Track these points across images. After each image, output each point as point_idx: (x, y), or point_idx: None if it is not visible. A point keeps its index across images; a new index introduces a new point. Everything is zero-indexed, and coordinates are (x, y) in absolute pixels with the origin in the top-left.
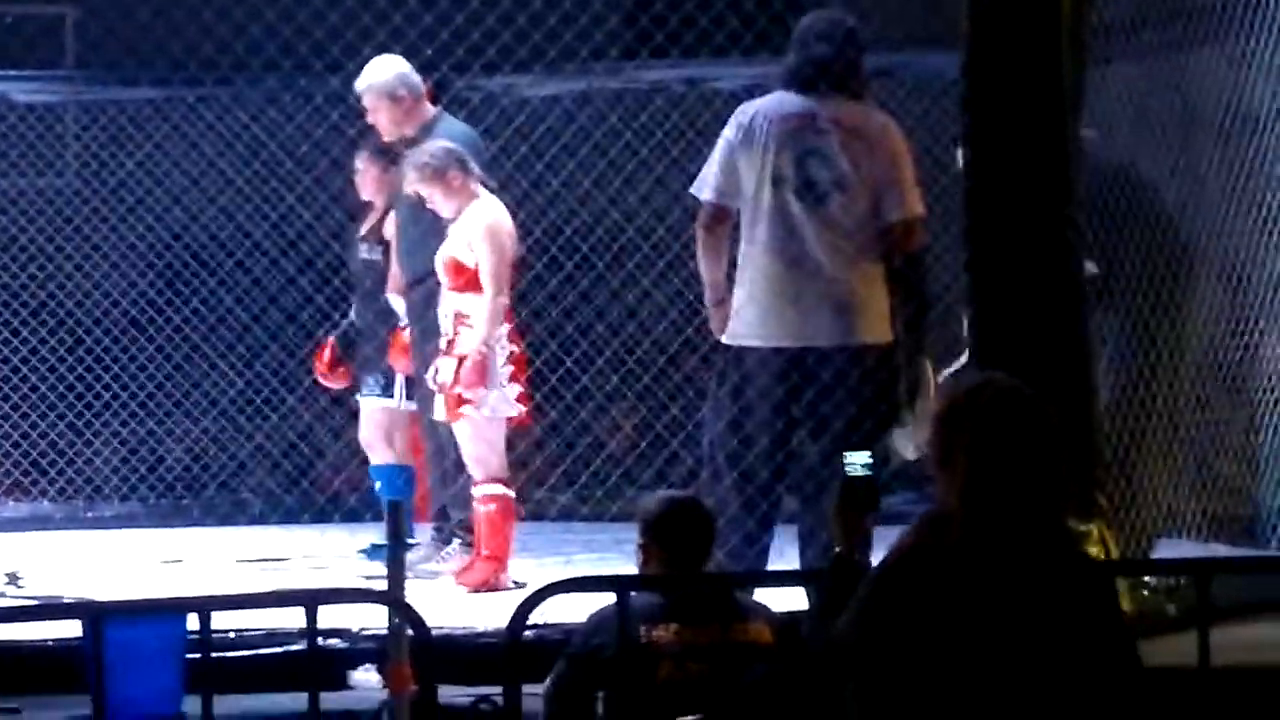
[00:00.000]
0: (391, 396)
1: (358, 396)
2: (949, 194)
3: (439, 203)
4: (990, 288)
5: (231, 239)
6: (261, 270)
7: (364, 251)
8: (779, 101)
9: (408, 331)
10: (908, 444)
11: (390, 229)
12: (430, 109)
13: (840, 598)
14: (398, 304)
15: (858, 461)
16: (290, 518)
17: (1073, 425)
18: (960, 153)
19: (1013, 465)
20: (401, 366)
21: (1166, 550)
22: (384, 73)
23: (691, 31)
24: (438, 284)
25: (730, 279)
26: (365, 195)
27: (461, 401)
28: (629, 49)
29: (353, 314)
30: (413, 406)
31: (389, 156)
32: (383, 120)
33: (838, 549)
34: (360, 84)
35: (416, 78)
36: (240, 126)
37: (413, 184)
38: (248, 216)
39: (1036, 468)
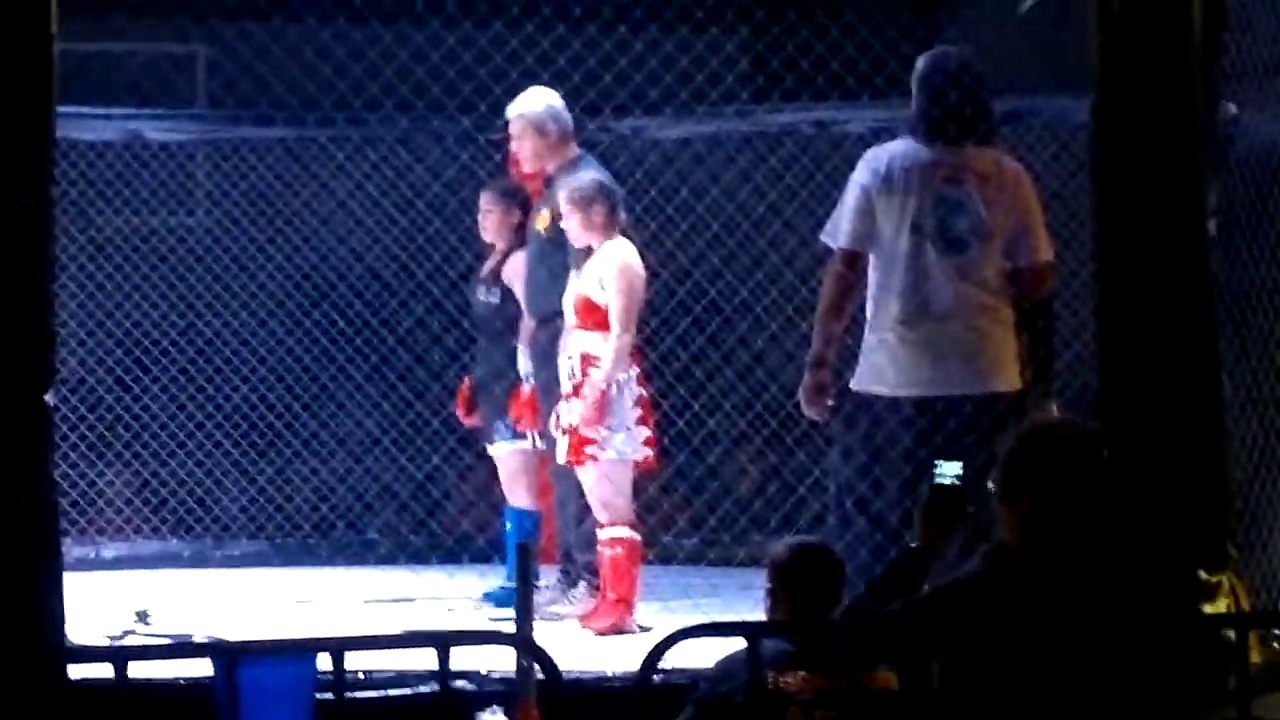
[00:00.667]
0: (524, 438)
1: (490, 444)
2: (1077, 239)
3: (575, 232)
4: (1120, 332)
5: (361, 279)
6: (390, 311)
7: (482, 294)
8: (913, 148)
9: (530, 385)
10: None
11: (510, 271)
12: (574, 149)
13: (897, 585)
14: (525, 357)
15: (949, 470)
16: (419, 559)
17: (1203, 474)
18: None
19: (1072, 506)
20: (526, 422)
21: None
22: (536, 103)
23: (821, 74)
24: (563, 325)
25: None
26: (487, 237)
27: (585, 443)
28: (759, 92)
29: (478, 357)
30: (544, 447)
31: (514, 198)
32: (526, 150)
33: (914, 544)
34: (511, 110)
35: (567, 116)
36: (371, 166)
37: (559, 207)
38: (378, 257)
39: (1094, 509)
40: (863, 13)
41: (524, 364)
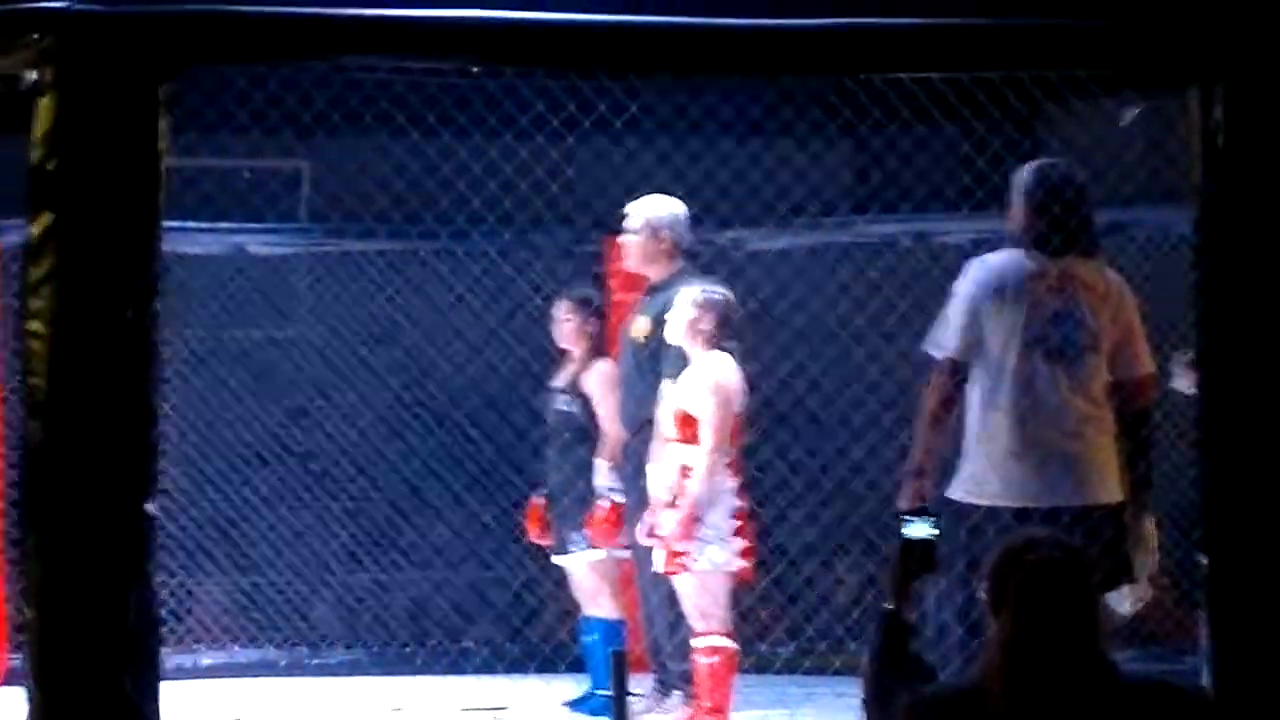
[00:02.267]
0: (599, 550)
1: (567, 556)
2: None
3: (677, 329)
4: (1223, 445)
5: (461, 390)
6: (490, 423)
7: (562, 404)
8: (1019, 258)
9: (611, 499)
10: (1123, 601)
11: (591, 382)
12: (680, 263)
13: (891, 653)
14: (604, 473)
15: (920, 524)
16: (515, 667)
17: None
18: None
19: (1049, 624)
20: (601, 539)
21: None
22: (659, 208)
23: (922, 186)
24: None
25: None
26: (563, 344)
27: (679, 554)
28: (859, 203)
29: (549, 467)
30: (624, 555)
31: (590, 307)
32: (634, 250)
33: (889, 606)
34: (633, 207)
35: (685, 231)
36: (473, 280)
37: (659, 316)
38: (478, 369)
39: (1072, 621)
40: (964, 126)
41: (602, 479)
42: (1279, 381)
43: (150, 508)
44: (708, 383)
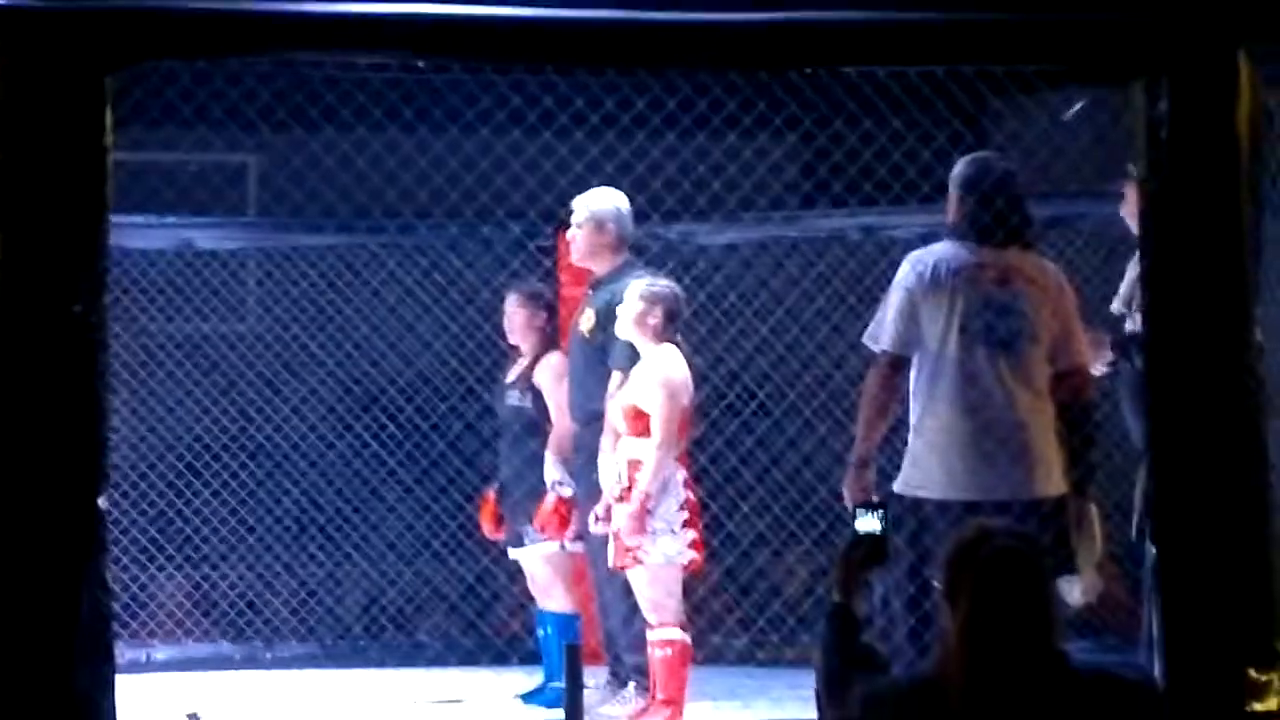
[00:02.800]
0: (552, 542)
1: (521, 548)
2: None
3: (625, 323)
4: (1169, 436)
5: (411, 385)
6: (441, 415)
7: (513, 398)
8: (958, 250)
9: (559, 492)
10: (1072, 590)
11: (541, 376)
12: (625, 256)
13: (841, 645)
14: (554, 466)
15: (871, 519)
16: (469, 660)
17: (1251, 573)
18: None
19: (1005, 614)
20: (552, 531)
21: None
22: (605, 201)
23: (869, 180)
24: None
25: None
26: (512, 339)
27: (631, 547)
28: (807, 197)
29: (500, 461)
30: (577, 548)
31: (539, 301)
32: (580, 243)
33: (837, 599)
34: (578, 201)
35: (630, 223)
36: (421, 273)
37: (604, 310)
38: (428, 363)
39: (1027, 612)
40: (910, 120)
41: (551, 471)
42: (1224, 369)
43: (101, 502)
44: (657, 377)
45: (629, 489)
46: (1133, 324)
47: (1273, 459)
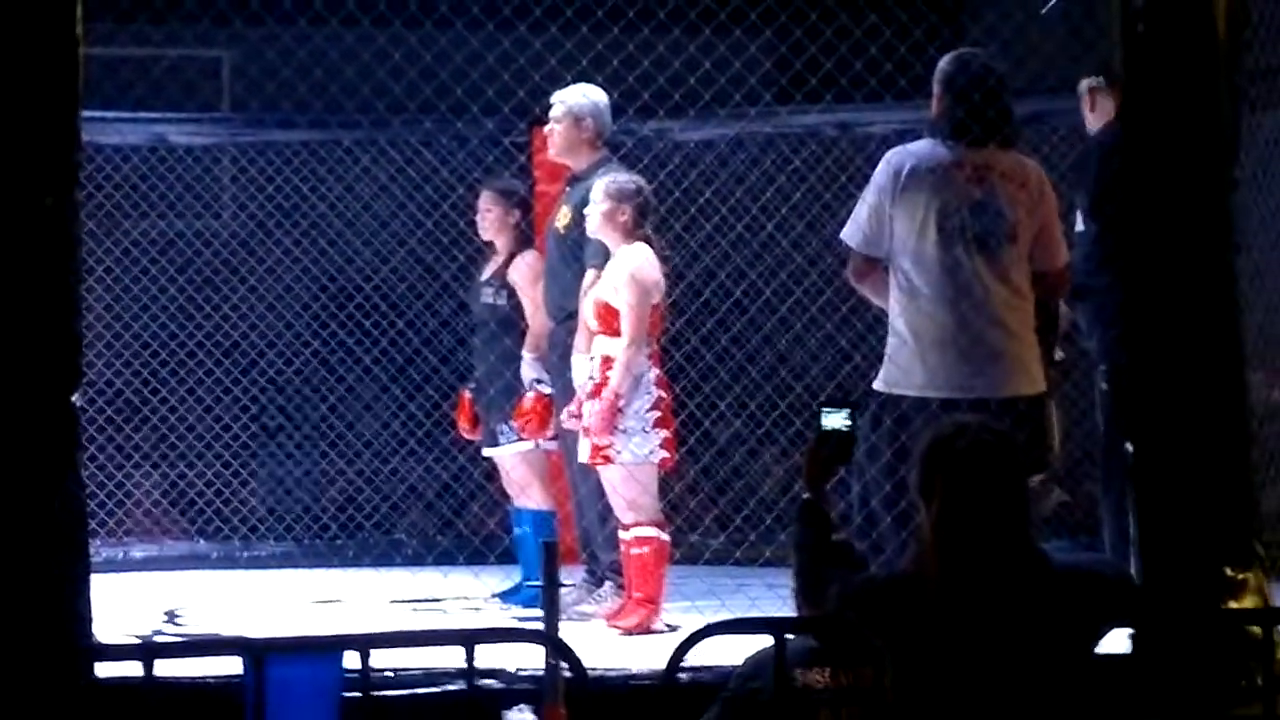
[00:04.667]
0: (529, 441)
1: (496, 448)
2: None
3: (596, 223)
4: (1145, 334)
5: (386, 281)
6: (415, 313)
7: (487, 295)
8: (935, 148)
9: (537, 390)
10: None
11: (515, 273)
12: (602, 152)
13: (814, 542)
14: (530, 365)
15: (837, 415)
16: (445, 559)
17: (1228, 471)
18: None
19: (980, 508)
20: (531, 430)
21: None
22: (581, 96)
23: (845, 76)
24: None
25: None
26: (486, 236)
27: (602, 446)
28: (782, 93)
29: (475, 359)
30: (552, 447)
31: (512, 198)
32: (557, 138)
33: (806, 495)
34: (556, 96)
35: (608, 119)
36: (396, 170)
37: (581, 206)
38: (402, 259)
39: (1002, 506)
40: (886, 15)
41: (528, 370)
42: (1199, 268)
43: (75, 400)
44: (626, 274)
45: (600, 385)
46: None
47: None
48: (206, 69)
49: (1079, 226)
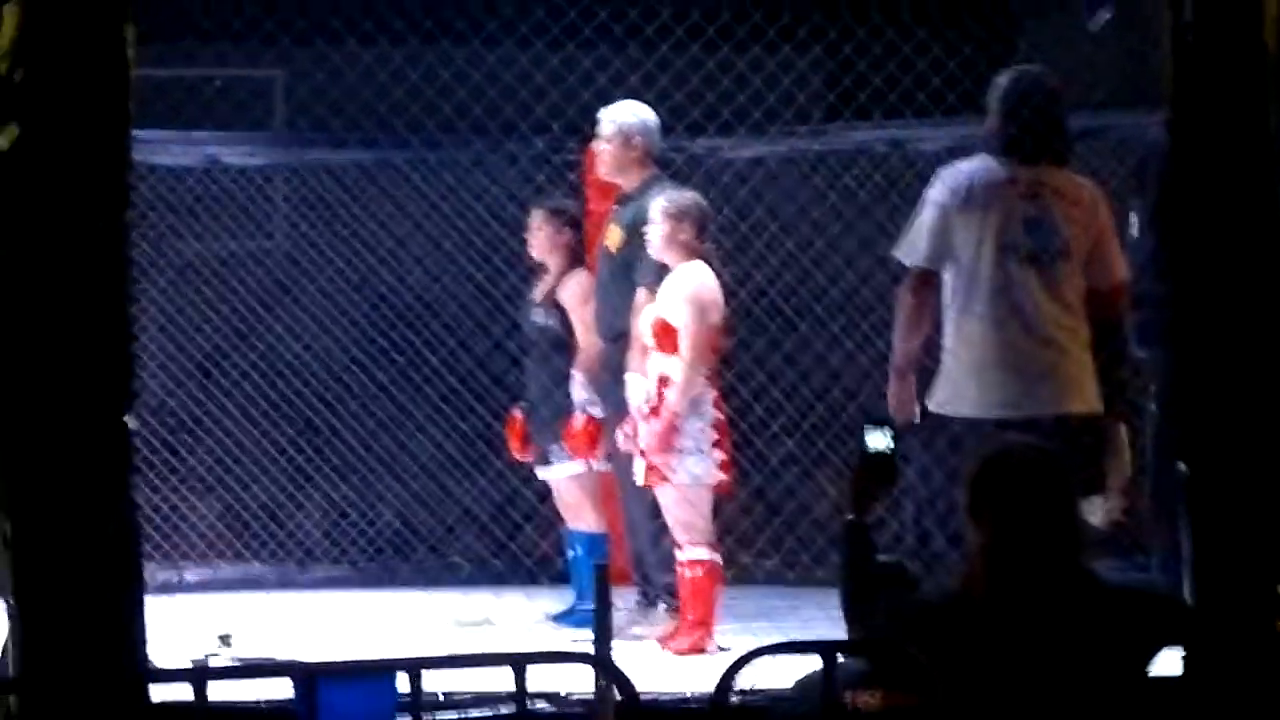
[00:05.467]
0: (580, 462)
1: (548, 469)
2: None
3: (657, 245)
4: (1196, 348)
5: (438, 301)
6: (468, 333)
7: (538, 316)
8: (990, 165)
9: (588, 411)
10: (1097, 511)
11: (566, 293)
12: (652, 170)
13: (859, 562)
14: (581, 386)
15: (880, 436)
16: (499, 580)
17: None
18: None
19: (1029, 529)
20: (582, 452)
21: None
22: (631, 114)
23: (894, 92)
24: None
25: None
26: (536, 254)
27: (657, 466)
28: (831, 110)
29: (527, 379)
30: (605, 468)
31: (563, 216)
32: (606, 157)
33: (849, 516)
34: (605, 113)
35: (658, 137)
36: (447, 189)
37: (631, 225)
38: (454, 279)
39: (1052, 527)
40: (936, 30)
41: (578, 391)
42: (1250, 282)
43: (128, 421)
44: (686, 292)
45: (657, 406)
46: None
47: None
48: (258, 89)
49: (1134, 232)
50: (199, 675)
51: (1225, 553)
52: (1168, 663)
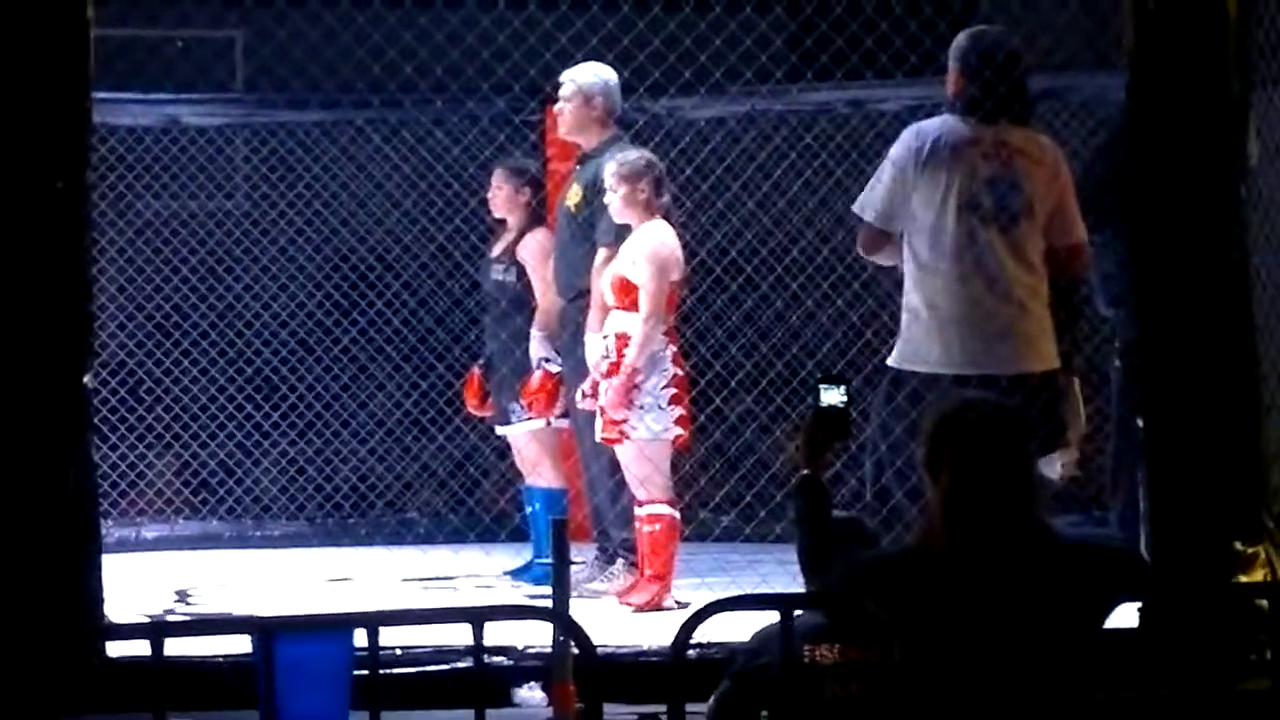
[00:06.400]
0: (540, 419)
1: (507, 426)
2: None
3: (616, 207)
4: (1156, 307)
5: (398, 260)
6: (428, 291)
7: (497, 273)
8: (952, 124)
9: (545, 369)
10: (1054, 465)
11: (525, 251)
12: (612, 130)
13: (815, 517)
14: (539, 343)
15: (835, 392)
16: (456, 537)
17: (1239, 446)
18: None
19: (987, 483)
20: (539, 408)
21: None
22: (592, 75)
23: (856, 53)
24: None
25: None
26: (498, 213)
27: (617, 422)
28: (794, 71)
29: (486, 337)
30: (564, 425)
31: (523, 176)
32: (567, 117)
33: (805, 471)
34: (566, 75)
35: (618, 97)
36: (408, 149)
37: (591, 184)
38: (414, 238)
39: (1010, 481)
40: None
41: (537, 348)
42: (1208, 243)
43: (87, 380)
44: (646, 250)
45: (616, 363)
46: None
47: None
48: (219, 50)
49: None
50: (156, 631)
51: (1182, 508)
52: (1124, 616)
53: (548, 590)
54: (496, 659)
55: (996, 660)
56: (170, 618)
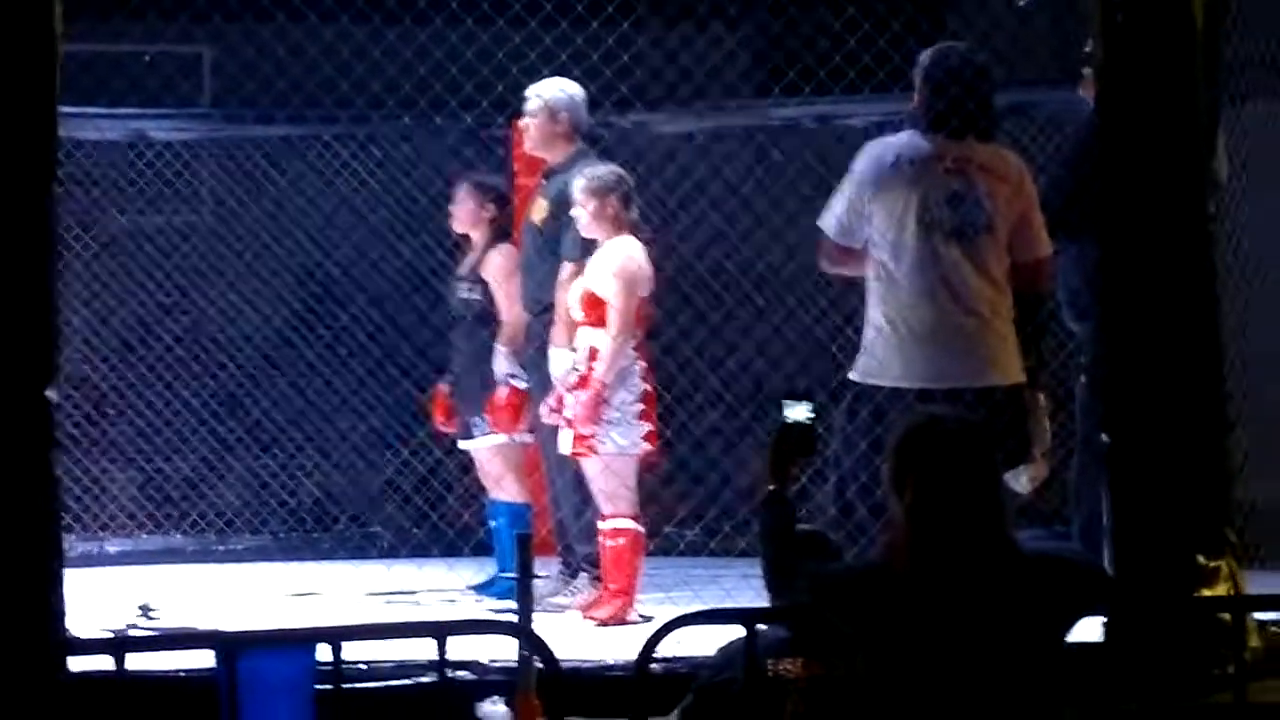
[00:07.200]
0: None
1: (471, 441)
2: None
3: (584, 222)
4: (1123, 319)
5: (364, 276)
6: (393, 306)
7: (463, 291)
8: (916, 140)
9: (511, 384)
10: (1019, 478)
11: (490, 267)
12: (578, 145)
13: (780, 532)
14: (504, 359)
15: (799, 407)
16: (420, 552)
17: (1203, 461)
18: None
19: (952, 499)
20: (504, 425)
21: None
22: (558, 89)
23: (824, 69)
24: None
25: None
26: (460, 229)
27: (585, 436)
28: (761, 86)
29: (452, 353)
30: (528, 440)
31: (488, 192)
32: (532, 131)
33: (770, 486)
34: (531, 89)
35: (584, 113)
36: (375, 164)
37: (557, 200)
38: (381, 254)
39: (974, 497)
40: (865, 7)
41: (502, 364)
42: (1175, 257)
43: (51, 394)
44: (613, 266)
45: (585, 377)
46: None
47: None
48: (186, 65)
49: None
50: (118, 646)
51: (1146, 521)
52: (1088, 629)
53: (512, 605)
54: (460, 674)
55: (961, 674)
56: (133, 633)
